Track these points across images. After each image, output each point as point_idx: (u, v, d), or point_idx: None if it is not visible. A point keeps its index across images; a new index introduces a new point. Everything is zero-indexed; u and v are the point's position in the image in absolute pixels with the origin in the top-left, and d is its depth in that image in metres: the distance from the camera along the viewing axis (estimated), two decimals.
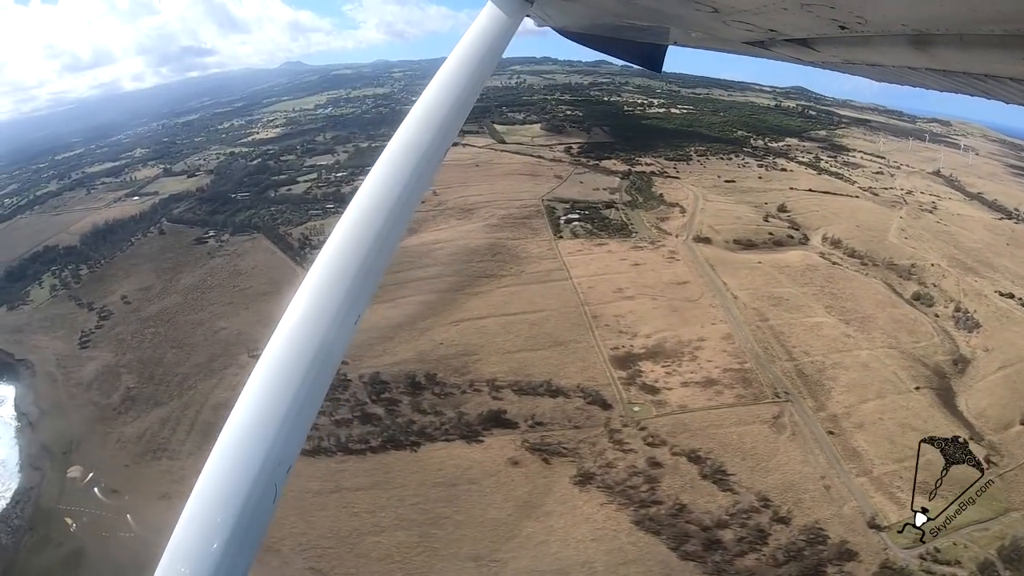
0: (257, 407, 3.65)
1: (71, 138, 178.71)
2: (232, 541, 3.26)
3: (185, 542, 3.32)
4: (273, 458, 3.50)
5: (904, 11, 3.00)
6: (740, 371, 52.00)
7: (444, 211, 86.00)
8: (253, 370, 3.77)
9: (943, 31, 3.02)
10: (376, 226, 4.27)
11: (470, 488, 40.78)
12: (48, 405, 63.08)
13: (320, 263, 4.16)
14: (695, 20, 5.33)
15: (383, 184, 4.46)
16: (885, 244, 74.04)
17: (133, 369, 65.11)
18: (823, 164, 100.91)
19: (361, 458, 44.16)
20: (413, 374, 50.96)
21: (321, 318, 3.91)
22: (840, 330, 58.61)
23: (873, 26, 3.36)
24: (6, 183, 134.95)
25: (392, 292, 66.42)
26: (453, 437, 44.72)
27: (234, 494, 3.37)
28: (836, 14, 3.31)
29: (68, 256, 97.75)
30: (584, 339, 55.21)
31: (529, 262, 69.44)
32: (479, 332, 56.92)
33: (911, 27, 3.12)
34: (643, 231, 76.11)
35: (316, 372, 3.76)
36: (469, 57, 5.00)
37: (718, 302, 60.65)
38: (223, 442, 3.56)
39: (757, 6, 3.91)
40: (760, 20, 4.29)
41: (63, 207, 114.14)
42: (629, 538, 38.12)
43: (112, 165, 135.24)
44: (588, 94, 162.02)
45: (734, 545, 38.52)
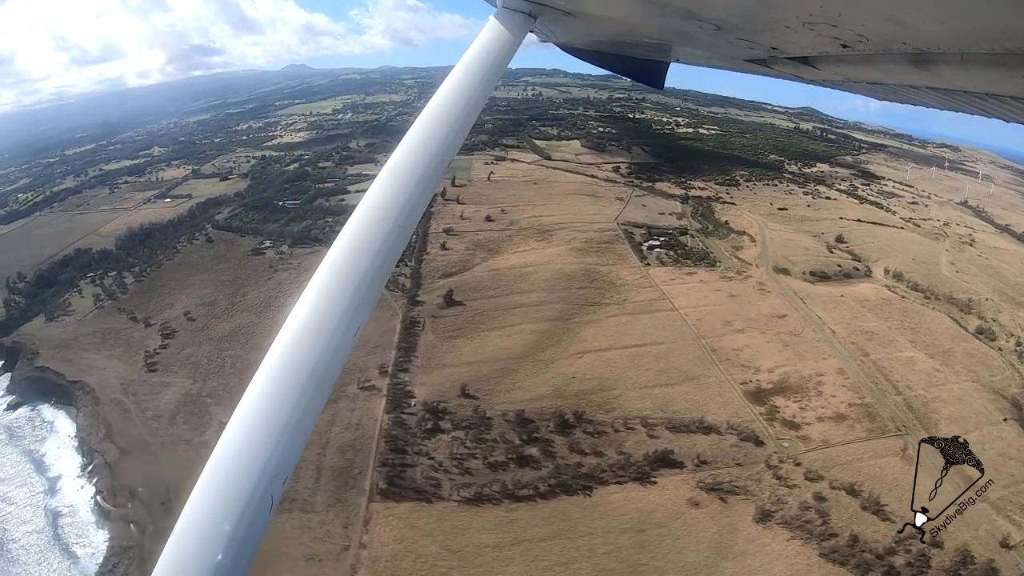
0: (255, 418, 3.65)
1: (76, 133, 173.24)
2: (228, 551, 3.26)
3: (182, 551, 3.34)
4: (270, 470, 3.50)
5: (905, 30, 3.06)
6: (862, 406, 55.19)
7: (519, 231, 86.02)
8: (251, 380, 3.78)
9: (944, 50, 3.08)
10: (378, 239, 4.31)
11: (660, 532, 41.76)
12: (127, 442, 57.93)
13: (321, 274, 4.20)
14: (697, 37, 5.41)
15: (385, 197, 4.50)
16: (940, 278, 79.69)
17: (222, 400, 60.34)
18: (861, 192, 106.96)
19: (532, 505, 44.05)
20: (559, 412, 51.22)
21: (322, 329, 3.93)
22: (929, 364, 62.96)
23: (874, 44, 3.41)
24: (16, 177, 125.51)
25: (499, 319, 66.32)
26: (625, 479, 45.50)
27: (231, 505, 3.37)
28: (838, 32, 3.37)
29: (104, 261, 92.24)
30: (712, 373, 57.06)
31: (628, 290, 70.70)
32: (606, 365, 57.77)
33: (912, 46, 3.19)
34: (725, 260, 78.74)
35: (315, 384, 3.78)
36: (472, 73, 5.07)
37: (820, 336, 63.87)
38: (220, 452, 3.56)
39: (759, 24, 4.03)
40: (762, 38, 4.40)
41: (86, 206, 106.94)
42: (821, 571, 40.26)
43: (131, 163, 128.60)
44: (611, 110, 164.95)
45: (905, 569, 41.45)
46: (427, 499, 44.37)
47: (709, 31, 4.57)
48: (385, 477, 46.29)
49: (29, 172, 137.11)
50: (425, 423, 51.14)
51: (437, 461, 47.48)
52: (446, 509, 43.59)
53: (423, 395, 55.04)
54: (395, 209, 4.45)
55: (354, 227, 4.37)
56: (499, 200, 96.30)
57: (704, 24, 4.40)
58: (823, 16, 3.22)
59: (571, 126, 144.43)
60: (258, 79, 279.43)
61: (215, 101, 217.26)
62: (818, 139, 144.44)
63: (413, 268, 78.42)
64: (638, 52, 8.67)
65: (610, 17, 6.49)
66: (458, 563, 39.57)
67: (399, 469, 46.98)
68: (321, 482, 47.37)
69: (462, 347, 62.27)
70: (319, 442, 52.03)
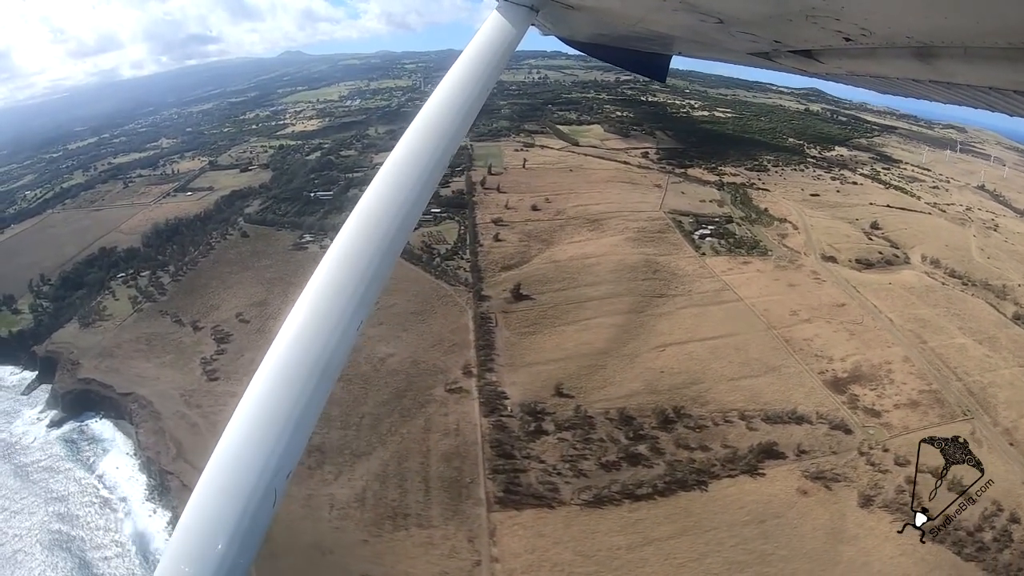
0: (258, 413, 3.72)
1: (74, 126, 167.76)
2: (233, 543, 3.35)
3: (187, 541, 3.44)
4: (274, 464, 3.57)
5: (909, 23, 3.08)
6: (931, 392, 58.26)
7: (568, 221, 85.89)
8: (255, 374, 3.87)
9: (948, 44, 3.10)
10: (381, 231, 4.36)
11: (778, 522, 43.88)
12: (205, 462, 57.15)
13: (324, 267, 4.24)
14: (699, 31, 5.48)
15: (389, 190, 4.55)
16: (974, 264, 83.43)
17: None
18: (884, 177, 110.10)
19: (652, 503, 45.44)
20: (659, 407, 52.58)
21: (325, 324, 3.98)
22: (980, 351, 66.44)
23: (878, 38, 3.43)
24: (19, 173, 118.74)
25: (572, 313, 66.81)
26: (736, 472, 47.35)
27: (235, 498, 3.45)
28: (841, 26, 3.38)
29: (132, 260, 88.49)
30: (790, 364, 59.15)
31: (690, 281, 71.95)
32: (690, 358, 59.21)
33: (916, 39, 3.21)
34: (775, 249, 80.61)
35: (318, 377, 3.83)
36: (475, 66, 5.14)
37: (880, 325, 66.61)
38: (223, 448, 3.66)
39: (762, 18, 4.07)
40: (765, 32, 4.44)
41: (100, 201, 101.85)
42: (924, 549, 43.18)
43: (141, 156, 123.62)
44: (623, 93, 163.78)
45: (993, 544, 44.83)
46: (548, 505, 45.12)
47: (711, 24, 4.61)
48: (500, 485, 46.76)
49: (33, 168, 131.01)
50: (527, 425, 51.75)
51: (549, 464, 48.27)
52: (569, 514, 44.52)
53: (517, 396, 55.50)
54: (399, 201, 4.49)
55: (358, 219, 4.40)
56: (539, 188, 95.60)
57: (706, 17, 4.44)
58: (826, 9, 3.23)
59: (588, 110, 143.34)
60: (255, 66, 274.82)
61: (214, 90, 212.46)
62: (831, 121, 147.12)
63: (471, 261, 77.84)
64: (640, 45, 8.64)
65: (612, 11, 6.53)
66: (595, 568, 40.57)
67: (512, 475, 47.46)
68: (432, 494, 47.16)
69: (542, 343, 62.69)
70: (420, 451, 51.65)
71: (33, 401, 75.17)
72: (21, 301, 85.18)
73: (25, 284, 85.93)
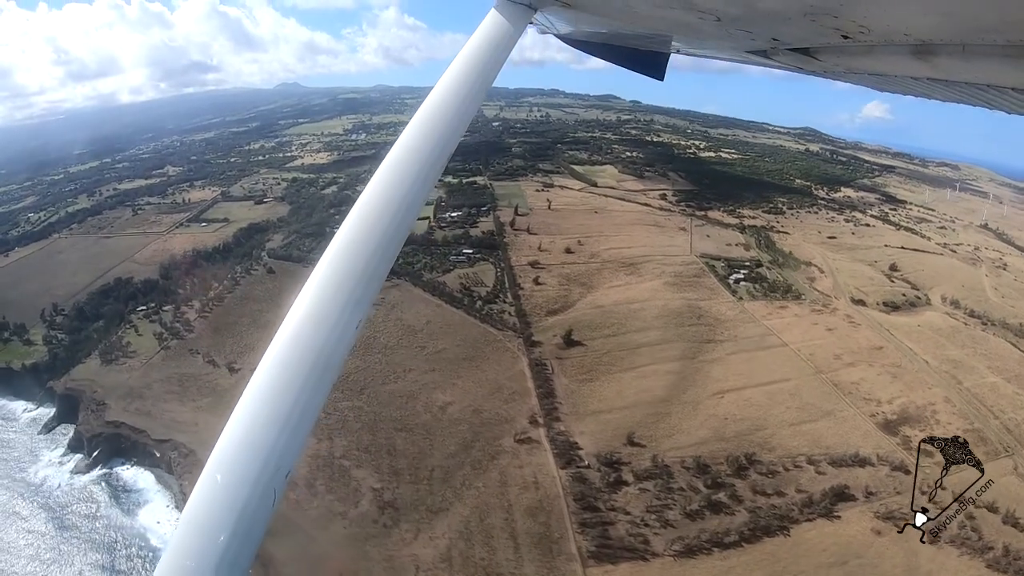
0: (257, 413, 3.76)
1: (71, 149, 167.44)
2: (231, 545, 3.39)
3: (187, 537, 3.49)
4: (272, 463, 3.62)
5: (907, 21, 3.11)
6: (974, 431, 61.55)
7: (604, 264, 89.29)
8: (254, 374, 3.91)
9: (946, 41, 3.13)
10: (379, 231, 4.38)
11: (860, 562, 45.99)
12: None
13: (322, 267, 4.28)
14: (698, 28, 5.50)
15: (387, 189, 4.57)
16: (991, 304, 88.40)
17: (362, 462, 57.21)
18: (893, 218, 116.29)
19: (740, 551, 47.24)
20: (731, 455, 54.86)
21: (323, 324, 4.01)
22: (1010, 389, 70.36)
23: (876, 36, 3.45)
24: (20, 195, 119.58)
25: (627, 359, 69.28)
26: (813, 516, 49.56)
27: (234, 500, 3.48)
28: (839, 23, 3.39)
29: (151, 292, 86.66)
30: (843, 407, 62.15)
31: (733, 326, 75.26)
32: (749, 404, 61.88)
33: (914, 37, 3.23)
34: (807, 293, 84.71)
35: (317, 377, 3.87)
36: (473, 65, 5.17)
37: (917, 367, 70.34)
38: (222, 447, 3.69)
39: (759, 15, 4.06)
40: (763, 29, 4.47)
41: (109, 228, 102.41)
42: None
43: (147, 183, 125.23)
44: (628, 132, 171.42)
45: None
46: (642, 557, 46.63)
47: (710, 22, 4.67)
48: (590, 539, 48.16)
49: (34, 190, 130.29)
50: (607, 476, 53.50)
51: (636, 516, 49.94)
52: (664, 565, 46.09)
53: (589, 446, 57.35)
54: (396, 201, 4.53)
55: (355, 219, 4.44)
56: (568, 230, 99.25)
57: (705, 15, 4.51)
58: (824, 7, 3.27)
59: (598, 150, 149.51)
60: (252, 97, 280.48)
61: (213, 119, 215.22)
62: (832, 162, 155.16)
63: (514, 304, 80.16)
64: (638, 43, 8.75)
65: (610, 8, 6.60)
66: None
67: (601, 528, 49.01)
68: (522, 551, 47.87)
69: (602, 391, 64.91)
70: (501, 505, 52.20)
71: (52, 442, 72.81)
72: (33, 331, 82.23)
73: (36, 313, 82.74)
